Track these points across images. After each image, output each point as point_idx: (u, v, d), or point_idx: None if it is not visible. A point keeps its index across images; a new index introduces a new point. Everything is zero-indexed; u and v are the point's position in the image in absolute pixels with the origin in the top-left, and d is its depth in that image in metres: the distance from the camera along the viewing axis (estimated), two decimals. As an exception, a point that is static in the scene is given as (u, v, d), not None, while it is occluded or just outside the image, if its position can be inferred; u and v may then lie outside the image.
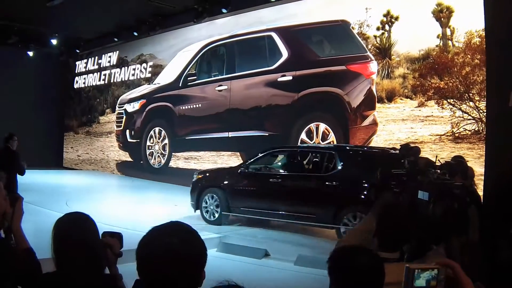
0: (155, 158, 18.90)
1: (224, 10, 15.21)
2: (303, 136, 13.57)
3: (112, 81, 22.52)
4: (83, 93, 24.63)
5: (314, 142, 13.31)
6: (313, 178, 9.72)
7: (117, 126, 21.02)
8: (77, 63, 24.95)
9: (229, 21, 16.22)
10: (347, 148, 10.74)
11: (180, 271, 1.62)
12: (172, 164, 18.12)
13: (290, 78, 13.99)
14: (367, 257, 1.94)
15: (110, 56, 22.68)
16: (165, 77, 18.77)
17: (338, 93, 12.86)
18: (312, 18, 13.91)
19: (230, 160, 15.96)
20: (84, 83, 24.57)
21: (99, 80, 23.38)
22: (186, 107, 17.37)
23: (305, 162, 10.86)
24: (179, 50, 18.35)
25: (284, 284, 7.21)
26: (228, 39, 16.14)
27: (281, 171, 10.55)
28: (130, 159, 20.55)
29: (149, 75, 20.23)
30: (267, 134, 14.55)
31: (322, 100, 13.32)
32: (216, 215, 10.42)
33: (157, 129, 18.79)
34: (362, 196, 7.85)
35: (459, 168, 4.10)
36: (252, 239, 9.13)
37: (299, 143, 13.52)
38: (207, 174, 11.57)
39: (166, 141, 18.43)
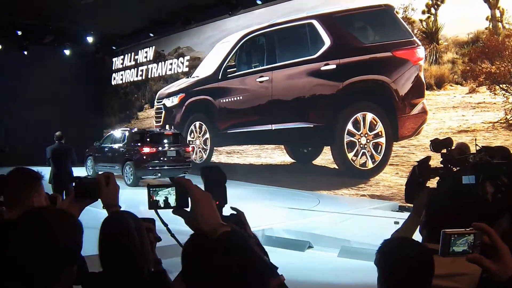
0: (196, 153, 19.44)
1: (258, 1, 15.66)
2: (349, 126, 13.77)
3: (149, 76, 23.21)
4: (121, 89, 25.52)
5: (361, 133, 13.54)
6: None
7: (157, 122, 21.70)
8: (114, 59, 25.87)
9: (268, 9, 16.46)
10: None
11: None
12: (214, 159, 18.59)
13: (333, 66, 14.15)
14: (416, 249, 2.01)
15: (146, 52, 23.40)
16: (204, 70, 19.23)
17: (384, 81, 12.97)
18: (354, 3, 14.02)
19: (274, 153, 16.36)
20: (121, 79, 25.47)
21: (137, 76, 24.16)
22: (227, 100, 17.80)
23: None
24: (217, 42, 18.78)
25: (328, 276, 7.37)
26: (268, 28, 16.41)
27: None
28: (171, 155, 21.14)
29: (187, 68, 20.74)
30: (312, 126, 14.78)
31: (368, 88, 13.45)
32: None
33: (197, 123, 19.35)
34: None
35: (499, 152, 4.14)
36: (295, 232, 9.38)
37: (345, 134, 13.80)
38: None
39: (207, 135, 18.93)
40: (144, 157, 15.91)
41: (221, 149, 18.30)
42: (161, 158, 16.20)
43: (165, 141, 16.64)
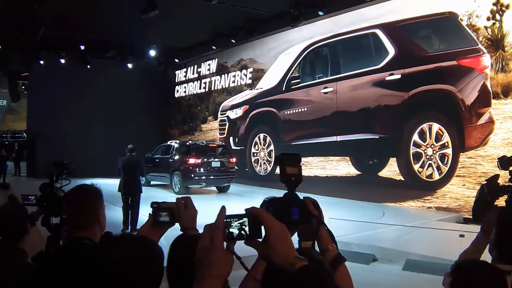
0: (260, 165, 20.27)
1: (320, 13, 16.26)
2: (415, 137, 14.11)
3: (212, 88, 24.24)
4: (184, 101, 26.72)
5: (427, 144, 13.87)
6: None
7: (220, 134, 22.74)
8: (177, 72, 27.23)
9: (331, 19, 16.99)
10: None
11: None
12: (278, 171, 19.18)
13: (398, 76, 14.54)
14: (489, 273, 2.06)
15: (209, 64, 24.50)
16: (267, 82, 20.07)
17: (450, 90, 13.20)
18: (417, 11, 14.32)
19: (339, 165, 16.82)
20: (184, 91, 26.71)
21: (200, 88, 25.29)
22: (291, 111, 18.51)
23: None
24: (280, 53, 19.53)
25: None
26: (331, 39, 17.02)
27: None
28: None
29: (250, 80, 21.59)
30: (377, 137, 15.20)
31: (433, 98, 13.72)
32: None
33: (261, 135, 20.17)
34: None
35: None
36: (360, 244, 9.61)
37: (411, 145, 14.16)
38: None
39: (272, 147, 19.66)
40: (190, 167, 17.81)
41: (286, 161, 18.78)
42: (206, 168, 18.06)
43: (210, 152, 18.48)
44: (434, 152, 13.76)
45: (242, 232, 1.45)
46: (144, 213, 2.80)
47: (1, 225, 3.44)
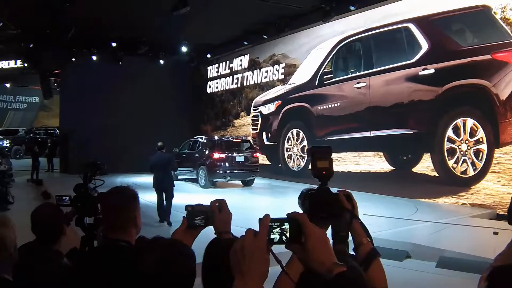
0: (294, 161, 20.53)
1: (352, 8, 16.47)
2: (449, 133, 14.18)
3: (245, 84, 24.63)
4: (216, 97, 27.15)
5: (462, 139, 13.93)
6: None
7: (253, 129, 23.12)
8: (209, 68, 27.66)
9: (363, 14, 17.14)
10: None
11: None
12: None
13: (432, 71, 14.62)
14: None
15: (241, 60, 24.87)
16: (300, 77, 20.33)
17: (484, 85, 13.20)
18: (450, 5, 14.32)
19: (373, 160, 17.00)
20: (216, 87, 27.15)
21: (232, 84, 25.70)
22: (324, 106, 18.72)
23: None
24: (312, 48, 19.76)
25: (426, 287, 7.74)
26: (363, 34, 17.19)
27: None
28: (268, 162, 22.23)
29: (283, 75, 21.86)
30: (411, 132, 15.29)
31: (468, 93, 13.75)
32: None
33: (294, 130, 20.41)
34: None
35: None
36: (393, 241, 9.56)
37: (445, 141, 14.25)
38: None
39: (305, 142, 19.90)
40: (215, 162, 18.64)
41: (319, 157, 18.90)
42: (231, 163, 18.93)
43: (235, 147, 19.32)
44: (469, 147, 13.81)
45: (283, 237, 1.48)
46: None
47: (38, 227, 3.47)
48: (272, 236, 1.48)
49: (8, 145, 35.03)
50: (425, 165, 15.16)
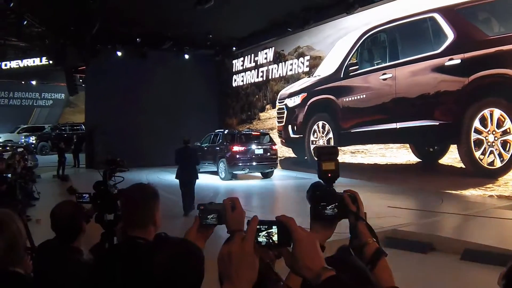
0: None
1: (375, -1, 16.52)
2: (476, 124, 14.16)
3: (270, 77, 24.84)
4: (242, 90, 27.43)
5: (489, 130, 13.90)
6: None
7: (279, 122, 23.37)
8: (234, 61, 27.93)
9: (387, 5, 17.19)
10: None
11: None
12: (338, 158, 19.40)
13: (458, 61, 14.58)
14: None
15: (266, 53, 25.11)
16: (325, 69, 20.48)
17: (511, 75, 13.16)
18: None
19: (399, 152, 17.03)
20: (242, 80, 27.42)
21: (257, 77, 25.93)
22: (350, 98, 18.84)
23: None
24: (337, 40, 19.90)
25: (450, 280, 7.61)
26: (388, 24, 17.22)
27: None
28: (293, 155, 22.53)
29: (308, 68, 22.03)
30: (437, 123, 15.31)
31: (495, 83, 13.66)
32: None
33: (320, 123, 20.59)
34: None
35: None
36: (418, 233, 9.67)
37: (472, 132, 14.24)
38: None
39: (331, 135, 20.08)
40: (235, 154, 19.36)
41: (345, 149, 18.90)
42: (250, 155, 19.66)
43: (254, 140, 19.96)
44: (496, 138, 13.77)
45: (270, 240, 1.47)
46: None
47: (57, 225, 3.54)
48: (259, 239, 1.48)
49: (34, 141, 35.86)
50: (451, 157, 15.16)
